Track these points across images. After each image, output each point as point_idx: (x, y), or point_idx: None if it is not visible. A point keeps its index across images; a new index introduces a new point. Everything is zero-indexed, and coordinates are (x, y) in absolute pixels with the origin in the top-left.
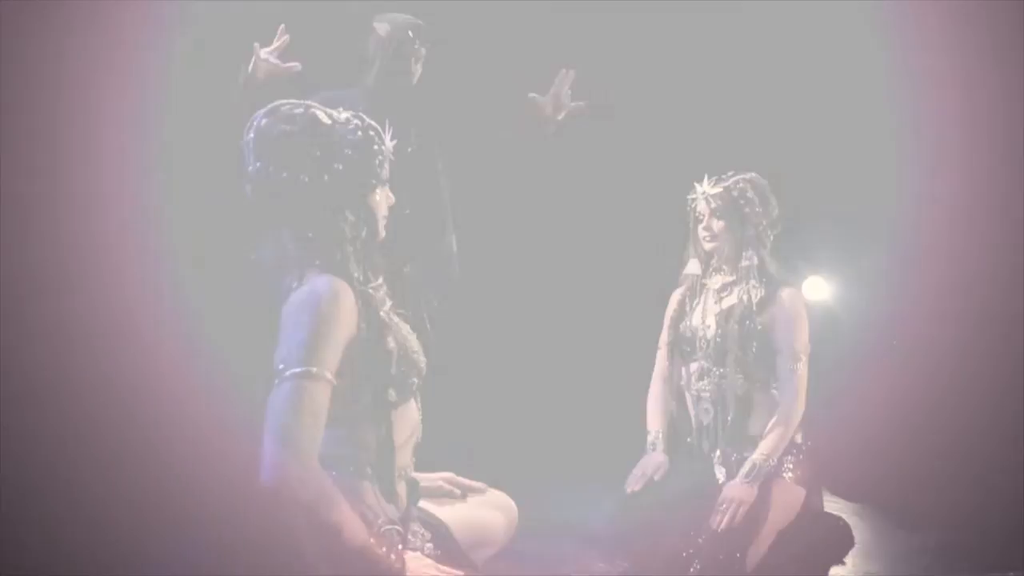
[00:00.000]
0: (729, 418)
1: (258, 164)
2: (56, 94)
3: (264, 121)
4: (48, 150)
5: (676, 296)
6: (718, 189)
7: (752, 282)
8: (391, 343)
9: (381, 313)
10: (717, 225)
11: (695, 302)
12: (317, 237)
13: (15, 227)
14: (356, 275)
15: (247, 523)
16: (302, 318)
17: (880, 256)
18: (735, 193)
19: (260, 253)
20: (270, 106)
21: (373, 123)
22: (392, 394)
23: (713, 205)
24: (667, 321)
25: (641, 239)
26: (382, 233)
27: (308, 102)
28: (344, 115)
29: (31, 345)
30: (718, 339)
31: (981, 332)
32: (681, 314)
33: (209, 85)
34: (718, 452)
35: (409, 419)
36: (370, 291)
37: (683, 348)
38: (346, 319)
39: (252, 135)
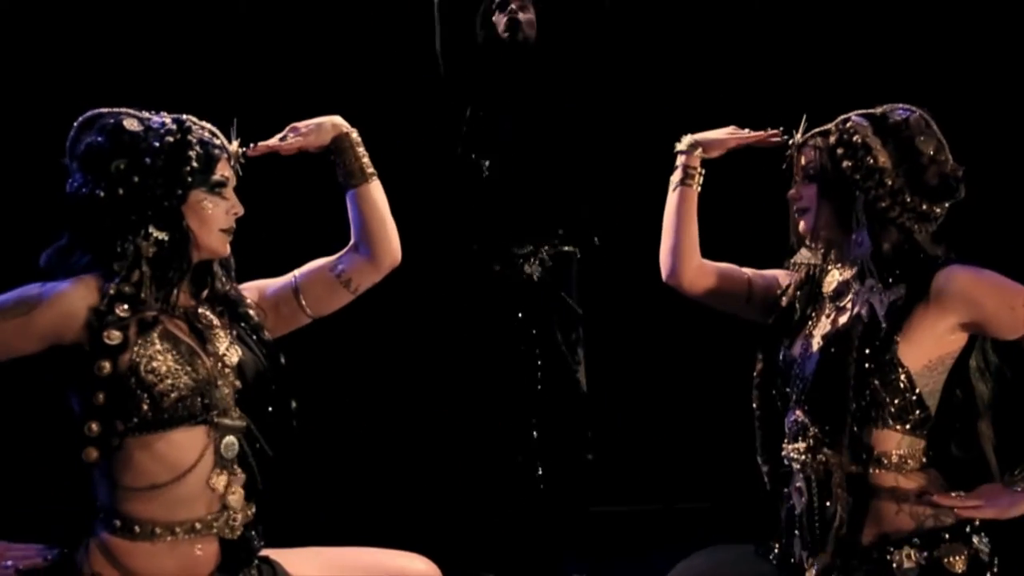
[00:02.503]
0: (828, 512)
1: (69, 181)
2: None
3: (74, 135)
4: None
5: (783, 300)
6: (812, 135)
7: (868, 283)
8: (106, 367)
9: (106, 334)
10: (807, 193)
11: (809, 310)
12: (111, 259)
13: None
14: (145, 297)
15: None
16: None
17: None
18: (833, 139)
19: None
20: (84, 118)
21: (203, 124)
22: (93, 428)
23: (804, 161)
24: (763, 340)
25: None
26: (215, 247)
27: (126, 109)
28: (161, 120)
29: None
30: (818, 379)
31: None
32: (782, 330)
33: None
34: (811, 562)
35: (165, 459)
36: (117, 314)
37: (778, 388)
38: (46, 312)
39: (67, 152)
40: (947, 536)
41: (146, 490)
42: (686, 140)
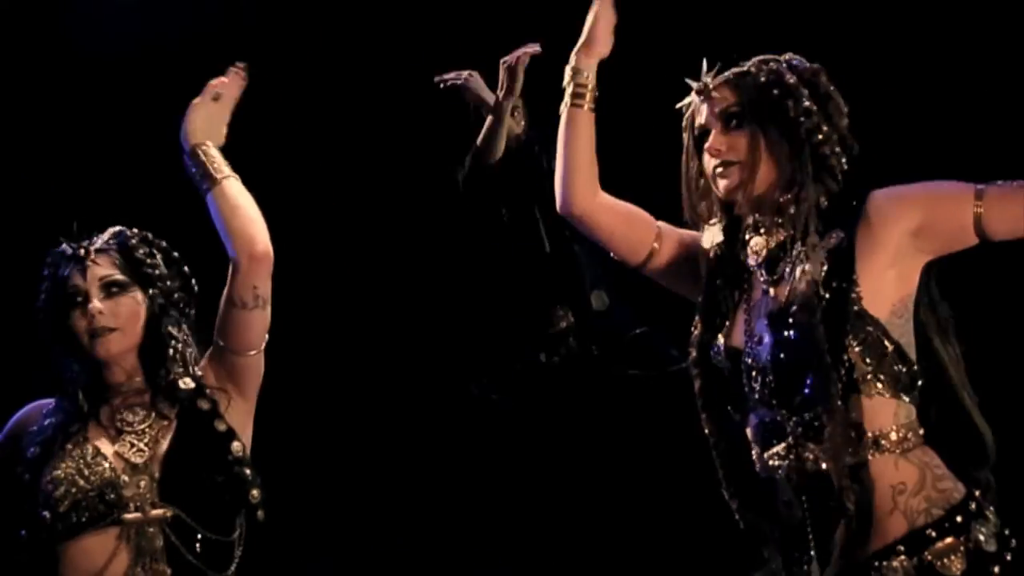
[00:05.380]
0: (830, 518)
1: None
2: None
3: None
4: None
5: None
6: (728, 76)
7: (811, 240)
8: (25, 475)
9: (32, 449)
10: (735, 143)
11: (735, 297)
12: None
13: None
14: (81, 407)
15: None
16: None
17: None
18: (764, 79)
19: None
20: None
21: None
22: (23, 533)
23: (730, 102)
24: (692, 346)
25: None
26: (96, 355)
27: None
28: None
29: None
30: (781, 361)
31: None
32: (710, 326)
33: None
34: None
35: (76, 562)
36: (41, 428)
37: (729, 397)
38: (9, 433)
39: None
40: (934, 533)
41: None
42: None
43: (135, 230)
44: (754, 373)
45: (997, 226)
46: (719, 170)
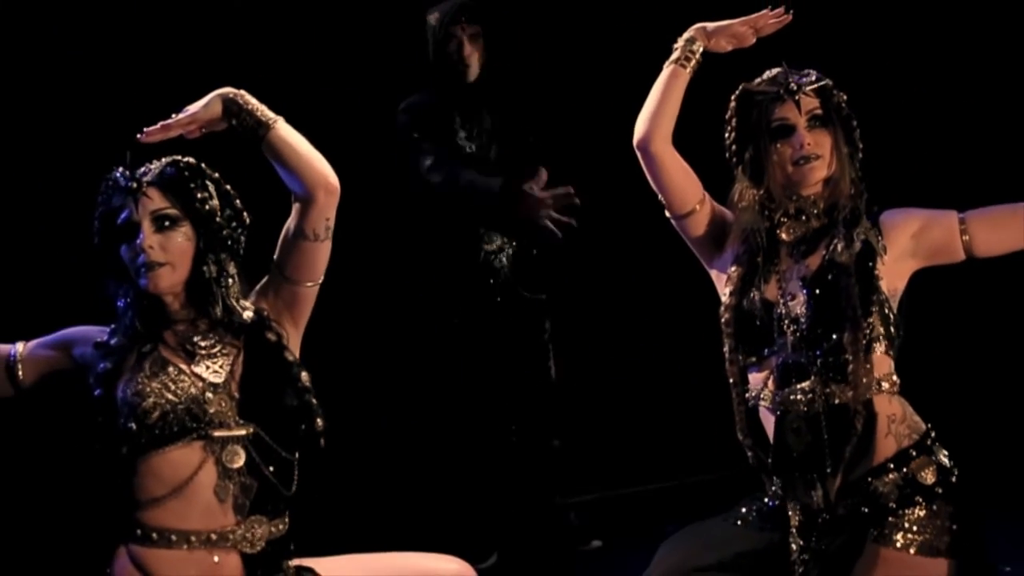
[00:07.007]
0: (844, 443)
1: None
2: None
3: None
4: None
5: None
6: (813, 83)
7: (849, 223)
8: (97, 389)
9: (102, 364)
10: (821, 140)
11: (768, 265)
12: None
13: None
14: (141, 330)
15: None
16: None
17: None
18: (835, 92)
19: None
20: None
21: (120, 171)
22: (98, 447)
23: (815, 105)
24: (729, 299)
25: None
26: (149, 290)
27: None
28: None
29: None
30: (819, 313)
31: None
32: (748, 284)
33: None
34: (796, 507)
35: (160, 475)
36: (110, 346)
37: (746, 336)
38: (62, 342)
39: None
40: (914, 453)
41: (149, 503)
42: (691, 29)
43: (189, 160)
44: (786, 322)
45: (979, 237)
46: (804, 162)
